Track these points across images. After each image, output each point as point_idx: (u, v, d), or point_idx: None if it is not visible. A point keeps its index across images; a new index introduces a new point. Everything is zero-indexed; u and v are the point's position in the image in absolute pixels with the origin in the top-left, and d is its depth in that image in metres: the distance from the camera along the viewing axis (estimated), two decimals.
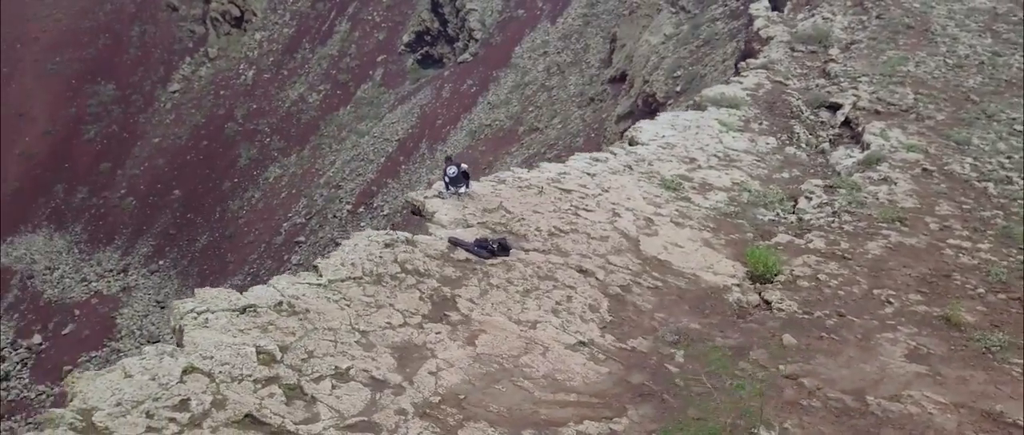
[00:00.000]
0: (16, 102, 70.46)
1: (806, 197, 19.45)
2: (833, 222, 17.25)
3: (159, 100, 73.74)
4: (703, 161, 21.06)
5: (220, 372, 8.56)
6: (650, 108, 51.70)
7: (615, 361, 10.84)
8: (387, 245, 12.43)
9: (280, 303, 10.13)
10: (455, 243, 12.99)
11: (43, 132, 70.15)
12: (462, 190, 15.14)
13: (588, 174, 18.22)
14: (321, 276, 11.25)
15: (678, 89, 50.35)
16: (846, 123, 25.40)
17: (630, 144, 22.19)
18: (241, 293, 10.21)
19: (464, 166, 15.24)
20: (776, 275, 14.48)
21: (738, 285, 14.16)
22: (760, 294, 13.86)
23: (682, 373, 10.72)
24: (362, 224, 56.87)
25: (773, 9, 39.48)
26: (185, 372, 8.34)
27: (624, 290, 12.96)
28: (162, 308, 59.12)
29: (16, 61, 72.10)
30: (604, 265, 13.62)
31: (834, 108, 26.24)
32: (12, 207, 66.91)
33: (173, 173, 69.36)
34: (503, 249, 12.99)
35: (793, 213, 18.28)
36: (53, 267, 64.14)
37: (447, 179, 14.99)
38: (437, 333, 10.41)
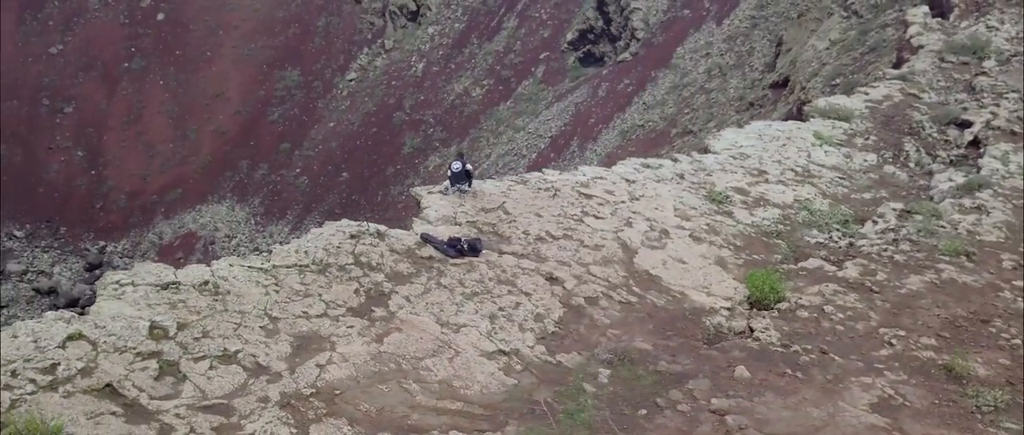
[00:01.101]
0: (214, 84, 77.60)
1: (874, 221, 17.76)
2: (886, 250, 15.65)
3: (337, 87, 78.52)
4: (774, 175, 19.72)
5: (105, 342, 9.14)
6: (803, 116, 48.94)
7: (531, 374, 10.48)
8: (352, 236, 12.68)
9: (206, 282, 10.64)
10: (426, 239, 13.03)
11: (234, 112, 76.81)
12: (465, 188, 15.13)
13: (627, 180, 17.59)
14: (268, 260, 11.68)
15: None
16: (974, 143, 22.97)
17: (703, 151, 21.14)
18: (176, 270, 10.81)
19: (469, 165, 15.22)
20: (778, 302, 13.37)
21: (729, 309, 13.20)
22: (749, 320, 12.84)
23: (596, 394, 10.19)
24: None
25: (936, 16, 36.21)
26: (69, 338, 8.98)
27: (589, 302, 12.46)
28: None
29: (217, 46, 79.34)
30: (581, 274, 13.15)
31: (964, 126, 23.80)
32: (203, 178, 73.86)
33: (343, 156, 73.66)
34: (472, 250, 12.87)
35: (848, 237, 16.74)
36: (232, 235, 70.16)
37: (450, 175, 15.03)
38: (350, 326, 10.53)
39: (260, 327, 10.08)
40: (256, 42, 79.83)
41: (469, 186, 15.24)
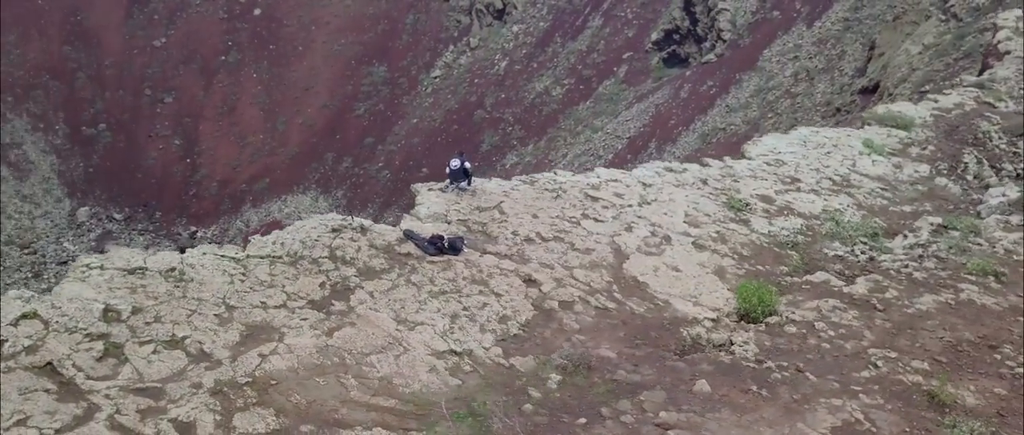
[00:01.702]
0: (305, 78, 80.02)
1: (904, 235, 16.81)
2: (908, 266, 14.80)
3: (421, 84, 79.70)
4: (808, 183, 18.91)
5: (57, 322, 9.52)
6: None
7: (478, 376, 10.35)
8: (334, 230, 12.82)
9: (172, 269, 10.95)
10: (408, 236, 13.05)
11: (322, 105, 79.02)
12: (463, 185, 15.07)
13: (643, 183, 17.17)
14: (243, 250, 11.94)
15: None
16: None
17: (739, 157, 20.42)
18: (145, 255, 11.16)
19: (467, 163, 15.15)
20: (768, 315, 12.79)
21: (714, 320, 12.71)
22: (733, 333, 12.31)
23: (541, 400, 9.98)
24: None
25: None
26: (23, 316, 9.40)
27: (563, 306, 12.22)
28: None
29: (309, 42, 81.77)
30: (562, 277, 12.91)
31: None
32: (290, 169, 76.32)
33: (424, 152, 74.73)
34: (452, 248, 12.81)
35: (872, 251, 15.88)
36: None
37: (449, 172, 15.01)
38: (304, 319, 10.65)
39: (215, 315, 10.30)
40: (346, 38, 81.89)
41: (469, 184, 15.19)
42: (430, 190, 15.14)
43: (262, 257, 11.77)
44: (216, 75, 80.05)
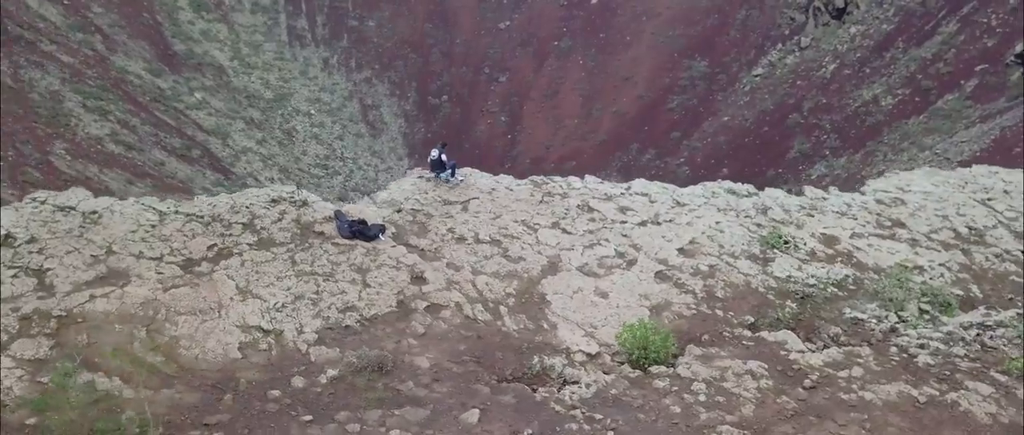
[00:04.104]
0: (626, 67, 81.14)
1: (981, 311, 13.21)
2: (927, 347, 11.85)
3: (740, 82, 76.41)
4: (915, 231, 15.82)
5: None
6: None
7: (265, 356, 10.62)
8: (273, 201, 13.67)
9: (94, 212, 12.66)
10: (335, 216, 13.43)
11: (637, 96, 79.53)
12: (443, 176, 14.91)
13: (679, 202, 15.44)
14: (181, 206, 13.31)
15: None
16: None
17: (853, 189, 17.16)
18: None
19: (444, 156, 14.94)
20: (660, 363, 11.07)
21: (592, 355, 11.33)
22: (592, 373, 10.84)
23: (296, 391, 9.97)
24: None
25: None
26: None
27: (430, 309, 11.86)
28: None
29: (638, 32, 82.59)
30: (460, 281, 12.49)
31: None
32: (596, 155, 78.21)
33: (728, 152, 71.87)
34: (363, 235, 12.98)
35: (903, 322, 12.78)
36: None
37: (430, 163, 14.95)
38: (160, 272, 11.73)
39: (91, 255, 11.82)
40: (673, 30, 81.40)
41: (452, 175, 15.03)
42: (420, 177, 15.28)
43: (187, 213, 13.06)
44: (547, 59, 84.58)
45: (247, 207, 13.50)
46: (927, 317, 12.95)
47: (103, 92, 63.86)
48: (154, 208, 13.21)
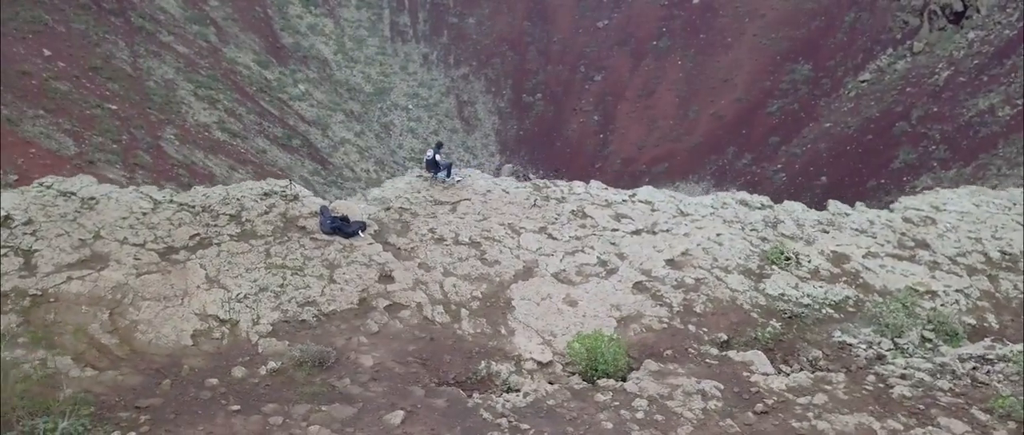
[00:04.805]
0: (726, 69, 79.00)
1: (985, 343, 12.24)
2: (909, 377, 11.15)
3: (845, 87, 73.07)
4: (940, 253, 14.99)
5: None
6: None
7: (216, 344, 10.89)
8: (265, 194, 14.02)
9: (92, 197, 13.32)
10: (321, 212, 13.66)
11: (735, 98, 77.28)
12: (441, 176, 14.91)
13: (682, 211, 14.92)
14: (177, 195, 13.84)
15: None
16: None
17: (885, 206, 16.13)
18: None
19: (438, 156, 14.91)
20: (610, 377, 10.75)
21: (543, 364, 11.09)
22: (538, 382, 10.61)
23: (235, 381, 10.23)
24: None
25: None
26: None
27: (390, 308, 11.95)
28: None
29: (740, 33, 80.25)
30: (431, 281, 12.55)
31: None
32: (690, 157, 76.59)
33: (828, 160, 68.93)
34: (341, 231, 13.15)
35: (898, 349, 11.97)
36: None
37: (425, 162, 14.98)
38: (138, 259, 12.22)
39: (79, 238, 12.46)
40: (777, 32, 78.70)
41: (448, 176, 15.03)
42: (418, 176, 15.37)
43: (181, 203, 13.56)
44: (644, 59, 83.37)
45: (238, 199, 13.93)
46: (928, 346, 12.06)
47: (213, 82, 67.04)
48: (150, 196, 13.81)
